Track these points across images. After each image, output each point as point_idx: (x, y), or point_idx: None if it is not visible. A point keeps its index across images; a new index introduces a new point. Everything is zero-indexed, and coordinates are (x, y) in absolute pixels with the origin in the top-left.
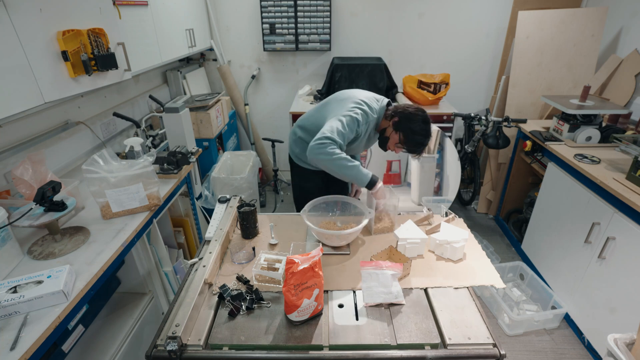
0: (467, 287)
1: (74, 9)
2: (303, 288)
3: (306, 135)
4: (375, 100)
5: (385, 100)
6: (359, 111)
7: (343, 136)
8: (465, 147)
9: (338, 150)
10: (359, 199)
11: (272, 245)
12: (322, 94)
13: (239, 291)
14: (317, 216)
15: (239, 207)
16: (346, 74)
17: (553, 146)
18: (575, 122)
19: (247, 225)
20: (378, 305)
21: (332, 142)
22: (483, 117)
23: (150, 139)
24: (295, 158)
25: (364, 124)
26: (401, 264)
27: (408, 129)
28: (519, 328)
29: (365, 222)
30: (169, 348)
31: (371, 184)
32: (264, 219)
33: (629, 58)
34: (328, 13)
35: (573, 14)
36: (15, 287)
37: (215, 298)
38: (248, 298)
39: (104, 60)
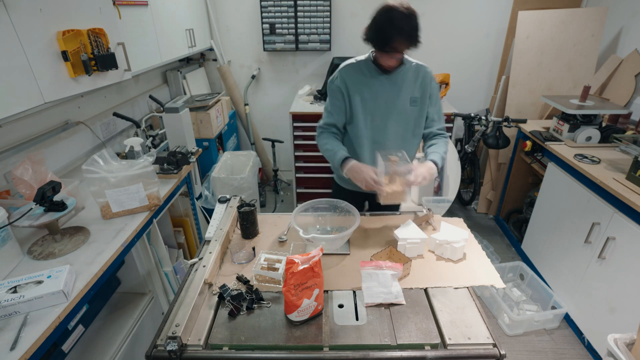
0: (467, 287)
1: (74, 9)
2: (303, 288)
3: None
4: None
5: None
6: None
7: (329, 113)
8: (465, 147)
9: (324, 140)
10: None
11: (281, 242)
12: (322, 94)
13: (239, 291)
14: (307, 216)
15: (239, 207)
16: None
17: (553, 146)
18: (575, 122)
19: (247, 225)
20: (378, 305)
21: (319, 127)
22: (483, 117)
23: (150, 139)
24: (335, 175)
25: (341, 88)
26: (401, 264)
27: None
28: (519, 328)
29: (353, 228)
30: (169, 348)
31: (343, 166)
32: (264, 219)
33: (629, 58)
34: (328, 13)
35: (573, 14)
36: (15, 287)
37: (215, 298)
38: (248, 298)
39: (104, 60)
